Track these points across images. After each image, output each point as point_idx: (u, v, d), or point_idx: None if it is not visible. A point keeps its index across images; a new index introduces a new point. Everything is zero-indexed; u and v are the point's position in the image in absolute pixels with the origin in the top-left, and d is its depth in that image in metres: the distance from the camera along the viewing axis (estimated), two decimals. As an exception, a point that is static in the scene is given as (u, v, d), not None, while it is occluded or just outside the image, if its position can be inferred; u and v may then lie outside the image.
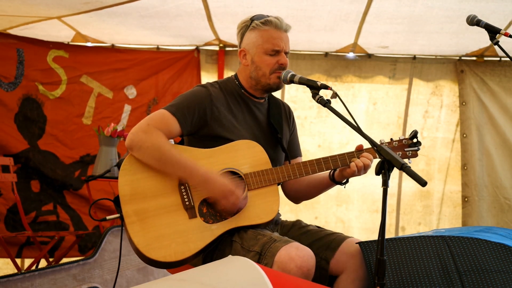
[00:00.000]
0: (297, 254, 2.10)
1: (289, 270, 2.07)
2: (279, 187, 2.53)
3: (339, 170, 2.43)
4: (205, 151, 2.36)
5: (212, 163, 2.35)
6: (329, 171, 2.46)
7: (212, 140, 2.39)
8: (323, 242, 2.37)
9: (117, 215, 2.28)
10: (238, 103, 2.49)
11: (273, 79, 2.45)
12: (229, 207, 2.27)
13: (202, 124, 2.39)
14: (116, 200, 2.29)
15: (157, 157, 2.26)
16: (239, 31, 2.52)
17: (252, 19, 2.48)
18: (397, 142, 2.45)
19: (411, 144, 2.45)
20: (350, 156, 2.39)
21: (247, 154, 2.38)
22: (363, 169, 2.35)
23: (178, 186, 2.30)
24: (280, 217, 2.59)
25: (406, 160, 2.43)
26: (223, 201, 2.26)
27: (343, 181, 2.46)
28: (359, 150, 2.40)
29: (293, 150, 2.65)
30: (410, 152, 2.45)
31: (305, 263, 2.10)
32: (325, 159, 2.40)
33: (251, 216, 2.32)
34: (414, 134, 2.45)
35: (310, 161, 2.40)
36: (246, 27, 2.49)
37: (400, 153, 2.45)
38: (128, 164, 2.29)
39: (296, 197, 2.63)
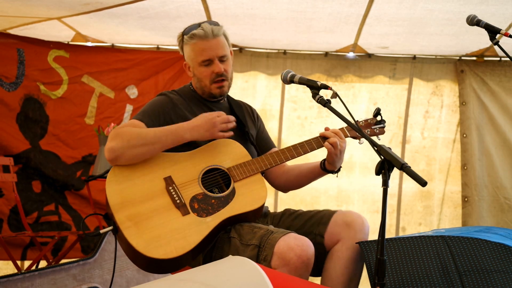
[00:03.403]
0: (295, 243, 2.13)
1: (289, 260, 2.10)
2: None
3: (326, 160, 2.50)
4: (185, 154, 2.42)
5: (193, 163, 2.40)
6: (321, 161, 2.53)
7: (184, 144, 2.42)
8: (315, 219, 2.44)
9: (111, 227, 2.30)
10: (199, 106, 2.56)
11: (214, 89, 2.54)
12: (222, 127, 2.35)
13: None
14: (107, 216, 2.33)
15: (142, 142, 2.31)
16: (179, 45, 2.62)
17: (183, 34, 2.56)
18: (363, 122, 2.59)
19: (376, 122, 2.59)
20: (323, 138, 2.47)
21: (225, 151, 2.46)
22: (339, 146, 2.42)
23: (166, 187, 2.33)
24: (268, 209, 2.63)
25: (375, 138, 2.55)
26: (212, 130, 2.34)
27: (336, 170, 2.52)
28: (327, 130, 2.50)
29: (265, 143, 2.71)
30: (378, 129, 2.59)
31: (305, 252, 2.12)
32: (301, 144, 2.50)
33: (243, 204, 2.36)
34: (377, 112, 2.56)
35: (288, 148, 2.50)
36: (181, 41, 2.59)
37: (369, 130, 2.58)
38: (113, 176, 2.33)
39: (284, 186, 2.69)
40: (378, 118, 2.57)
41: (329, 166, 2.49)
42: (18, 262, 4.69)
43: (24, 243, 5.01)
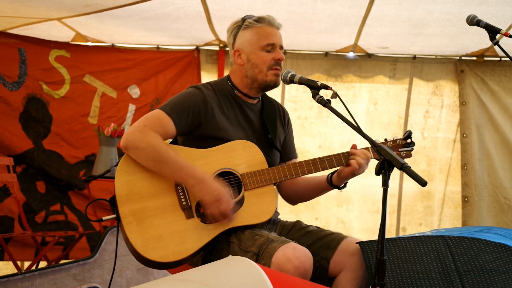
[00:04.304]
0: (294, 254, 2.10)
1: (287, 271, 2.07)
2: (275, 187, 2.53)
3: (336, 173, 2.43)
4: (201, 151, 2.36)
5: (208, 163, 2.34)
6: (328, 174, 2.47)
7: (206, 141, 2.39)
8: (323, 242, 2.37)
9: (114, 215, 2.27)
10: (231, 104, 2.49)
11: (270, 76, 2.45)
12: (217, 213, 2.24)
13: (196, 125, 2.39)
14: (112, 201, 2.29)
15: (154, 157, 2.25)
16: (231, 33, 2.53)
17: (244, 19, 2.50)
18: (391, 143, 2.47)
19: (405, 144, 2.48)
20: (345, 156, 2.40)
21: (243, 154, 2.38)
22: (362, 167, 2.36)
23: (175, 186, 2.29)
24: (279, 217, 2.59)
25: None
26: (212, 206, 2.23)
27: (341, 186, 2.46)
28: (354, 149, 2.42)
29: (287, 152, 2.64)
30: (404, 152, 2.47)
31: (302, 264, 2.09)
32: (321, 159, 2.41)
33: (248, 216, 2.32)
34: (408, 135, 2.48)
35: (306, 161, 2.41)
36: (238, 27, 2.50)
37: (395, 153, 2.46)
38: (124, 165, 2.29)
39: (292, 198, 2.62)
40: (408, 140, 2.48)
41: (337, 181, 2.43)
42: (18, 263, 4.68)
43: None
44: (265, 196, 2.36)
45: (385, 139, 2.48)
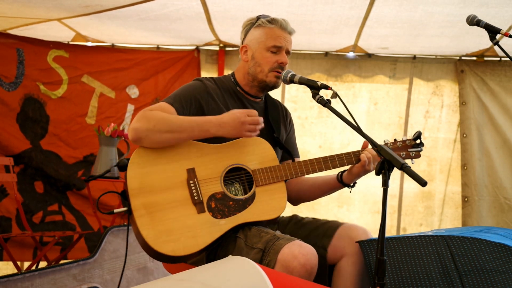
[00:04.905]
0: (300, 252, 2.11)
1: (293, 268, 2.08)
2: None
3: (347, 171, 2.44)
4: (212, 146, 2.37)
5: (219, 158, 2.36)
6: (338, 173, 2.48)
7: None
8: (320, 231, 2.40)
9: (125, 208, 2.27)
10: (233, 100, 2.51)
11: (270, 77, 2.47)
12: (250, 131, 2.30)
13: (200, 115, 2.40)
14: (123, 194, 2.30)
15: (167, 129, 2.26)
16: (243, 29, 2.56)
17: (258, 17, 2.53)
18: (401, 143, 2.49)
19: (414, 145, 2.50)
20: (356, 155, 2.42)
21: (254, 151, 2.40)
22: (372, 161, 2.37)
23: (187, 181, 2.30)
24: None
25: (408, 161, 2.46)
26: (241, 130, 2.28)
27: (351, 184, 2.48)
28: (364, 148, 2.44)
29: (289, 150, 2.64)
30: (414, 152, 2.49)
31: (308, 261, 2.10)
32: (332, 157, 2.42)
33: (259, 212, 2.33)
34: (418, 135, 2.49)
35: (317, 159, 2.43)
36: (251, 24, 2.53)
37: (404, 153, 2.48)
38: (137, 158, 2.29)
39: (297, 198, 2.63)
40: (418, 141, 2.49)
41: (348, 178, 2.44)
42: (18, 263, 4.68)
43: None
44: (276, 192, 2.37)
45: (395, 139, 2.50)
